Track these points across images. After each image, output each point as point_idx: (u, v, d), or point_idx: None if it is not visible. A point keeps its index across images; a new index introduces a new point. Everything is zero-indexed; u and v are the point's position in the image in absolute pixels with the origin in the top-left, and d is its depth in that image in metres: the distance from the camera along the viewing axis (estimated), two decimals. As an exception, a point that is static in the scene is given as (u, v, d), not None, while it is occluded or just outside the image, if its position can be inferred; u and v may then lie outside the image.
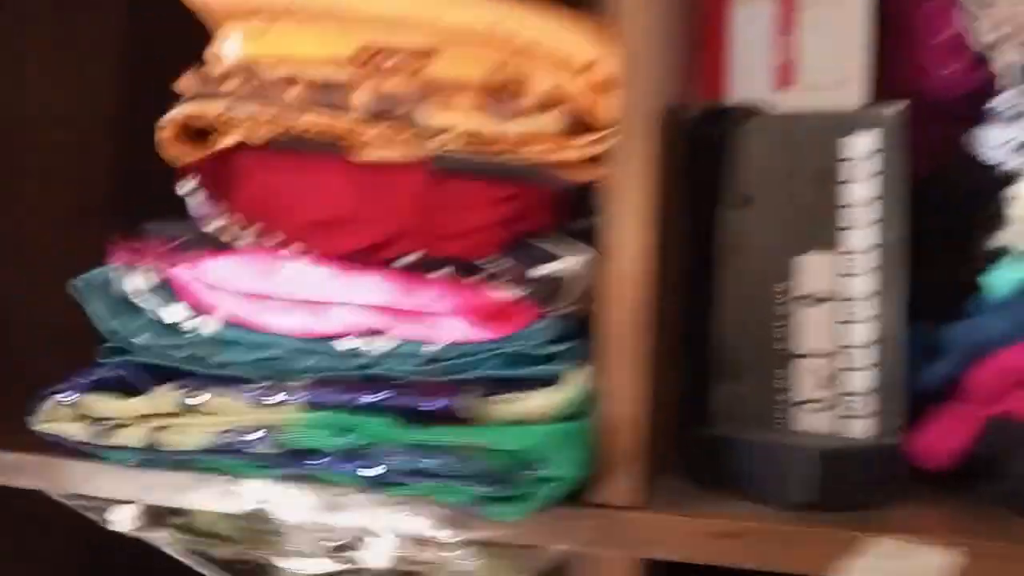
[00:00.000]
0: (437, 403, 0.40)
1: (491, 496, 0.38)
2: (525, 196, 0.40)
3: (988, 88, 0.56)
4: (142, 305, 0.48)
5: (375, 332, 0.44)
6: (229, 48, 0.55)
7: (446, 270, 0.43)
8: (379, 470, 0.40)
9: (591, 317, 0.42)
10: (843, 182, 0.51)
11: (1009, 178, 0.54)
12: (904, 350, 0.49)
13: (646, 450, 0.39)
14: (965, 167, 0.56)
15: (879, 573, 0.33)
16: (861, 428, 0.49)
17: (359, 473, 0.40)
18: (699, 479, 0.45)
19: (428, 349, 0.42)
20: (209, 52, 0.57)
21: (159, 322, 0.48)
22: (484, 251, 0.40)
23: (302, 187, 0.45)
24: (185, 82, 0.56)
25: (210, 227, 0.50)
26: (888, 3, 0.57)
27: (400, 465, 0.39)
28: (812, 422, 0.50)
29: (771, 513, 0.38)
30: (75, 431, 0.46)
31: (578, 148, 0.44)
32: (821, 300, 0.50)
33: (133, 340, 0.47)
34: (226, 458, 0.43)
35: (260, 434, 0.42)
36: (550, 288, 0.40)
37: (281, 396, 0.43)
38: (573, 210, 0.43)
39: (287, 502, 0.40)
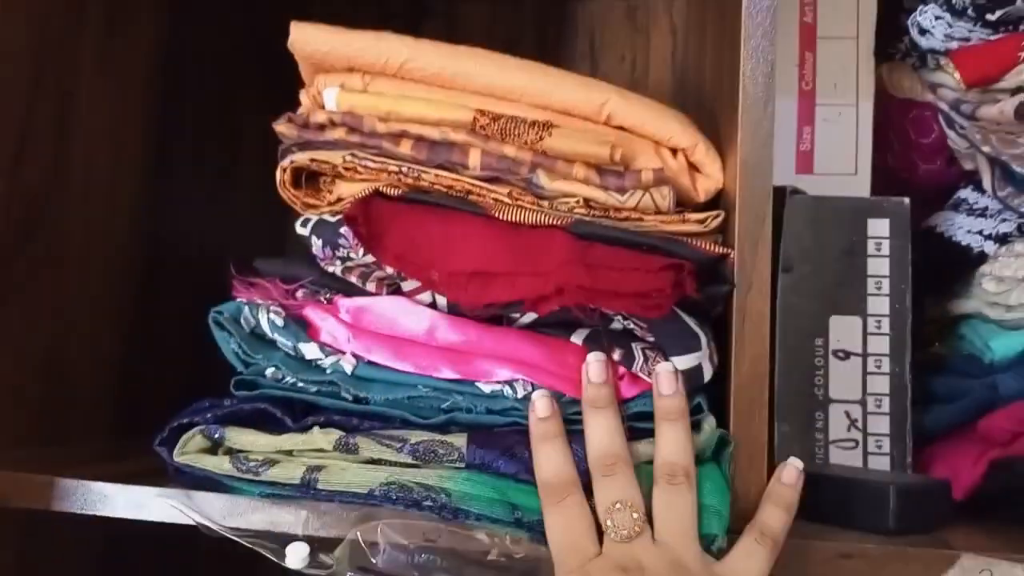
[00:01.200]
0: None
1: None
2: (683, 265, 0.46)
3: (958, 181, 0.69)
4: (278, 340, 0.50)
5: (515, 380, 0.48)
6: (329, 98, 0.58)
7: (588, 331, 0.48)
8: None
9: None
10: (864, 258, 0.61)
11: (977, 258, 0.66)
12: (909, 399, 0.59)
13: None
14: (935, 245, 0.68)
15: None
16: (881, 465, 0.59)
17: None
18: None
19: (567, 399, 0.48)
20: (305, 98, 0.59)
21: (295, 358, 0.50)
22: (650, 313, 0.46)
23: (449, 239, 0.49)
24: (283, 127, 0.59)
25: (334, 269, 0.52)
26: (883, 107, 0.68)
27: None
28: (844, 459, 0.59)
29: (863, 536, 0.47)
30: (220, 465, 0.47)
31: (696, 222, 0.51)
32: (849, 355, 0.60)
33: (267, 373, 0.49)
34: (388, 504, 0.46)
35: (423, 492, 0.45)
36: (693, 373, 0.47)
37: (440, 451, 0.46)
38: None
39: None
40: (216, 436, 0.48)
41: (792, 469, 0.47)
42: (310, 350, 0.50)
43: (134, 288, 0.69)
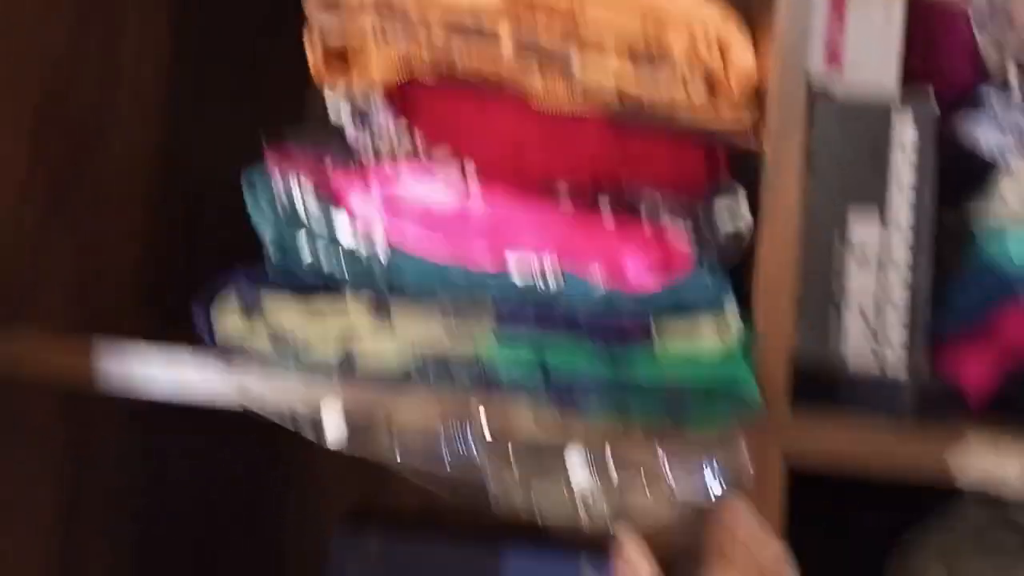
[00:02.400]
0: (631, 340, 0.46)
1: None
2: (716, 152, 0.46)
3: (986, 89, 0.69)
4: (310, 213, 0.50)
5: (548, 266, 0.49)
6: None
7: (620, 208, 0.49)
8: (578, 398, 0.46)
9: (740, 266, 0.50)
10: (888, 159, 0.61)
11: (999, 167, 0.67)
12: (926, 301, 0.61)
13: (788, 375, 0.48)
14: (955, 152, 0.68)
15: (991, 462, 0.44)
16: (897, 362, 0.60)
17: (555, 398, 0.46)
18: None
19: (601, 288, 0.48)
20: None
21: (330, 240, 0.50)
22: (684, 199, 0.46)
23: (483, 126, 0.49)
24: (312, 3, 0.58)
25: (365, 146, 0.52)
26: (912, 10, 0.67)
27: (599, 395, 0.46)
28: (859, 357, 0.61)
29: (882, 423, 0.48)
30: (259, 343, 0.48)
31: (730, 114, 0.51)
32: (868, 255, 0.61)
33: (298, 249, 0.50)
34: (422, 383, 0.47)
35: (459, 360, 0.46)
36: (735, 241, 0.48)
37: (471, 323, 0.47)
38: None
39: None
40: (250, 301, 0.48)
41: None
42: (340, 226, 0.50)
43: (170, 206, 0.69)
